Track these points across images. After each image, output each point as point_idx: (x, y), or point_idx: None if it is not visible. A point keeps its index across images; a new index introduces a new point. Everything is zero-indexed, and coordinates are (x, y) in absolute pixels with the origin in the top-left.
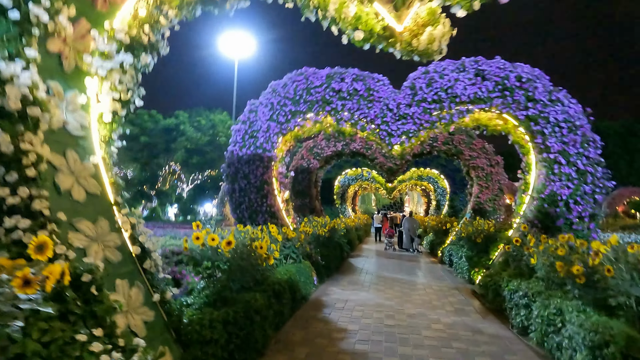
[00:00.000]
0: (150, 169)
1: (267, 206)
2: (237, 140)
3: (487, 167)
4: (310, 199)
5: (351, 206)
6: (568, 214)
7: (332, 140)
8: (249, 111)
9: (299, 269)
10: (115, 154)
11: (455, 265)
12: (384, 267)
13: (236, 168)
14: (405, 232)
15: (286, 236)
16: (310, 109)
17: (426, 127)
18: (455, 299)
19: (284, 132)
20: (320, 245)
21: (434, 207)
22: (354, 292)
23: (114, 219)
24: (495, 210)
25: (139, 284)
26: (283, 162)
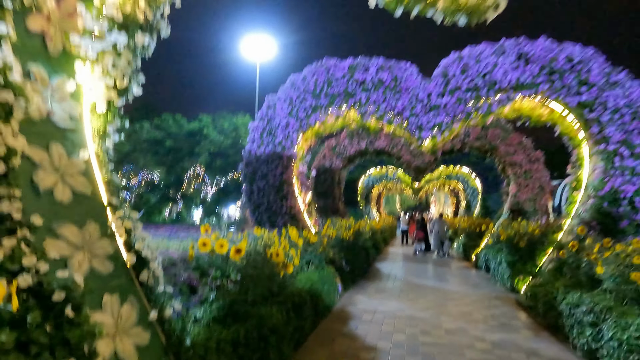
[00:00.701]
0: (175, 173)
1: (287, 208)
2: (254, 139)
3: (526, 163)
4: (333, 200)
5: (376, 207)
6: (634, 215)
7: (356, 138)
8: (267, 107)
9: (321, 276)
10: (112, 149)
11: (493, 271)
12: (413, 273)
13: (254, 168)
14: (435, 234)
15: (307, 240)
16: (332, 102)
17: (461, 118)
18: (498, 310)
19: (304, 129)
20: (345, 249)
21: (464, 207)
22: (382, 302)
23: (107, 223)
24: (536, 210)
25: (132, 300)
26: (303, 161)
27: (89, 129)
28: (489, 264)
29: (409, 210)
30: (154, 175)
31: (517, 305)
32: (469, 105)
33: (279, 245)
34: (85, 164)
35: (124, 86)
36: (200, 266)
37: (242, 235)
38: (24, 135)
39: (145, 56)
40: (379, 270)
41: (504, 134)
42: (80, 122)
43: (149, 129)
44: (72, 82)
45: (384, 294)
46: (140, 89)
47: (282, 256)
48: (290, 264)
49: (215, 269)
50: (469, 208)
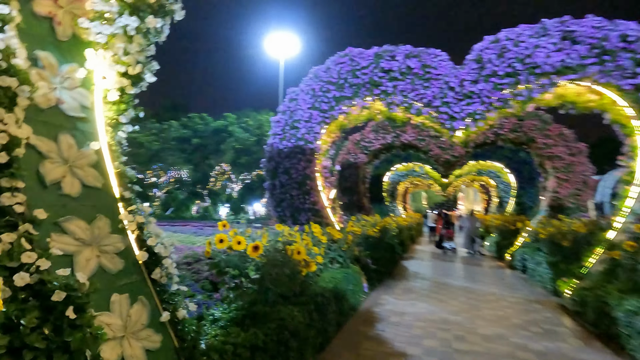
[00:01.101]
0: (201, 170)
1: (310, 203)
2: (276, 132)
3: (567, 156)
4: (357, 196)
5: (402, 204)
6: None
7: (381, 132)
8: (289, 100)
9: (346, 274)
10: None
11: (530, 271)
12: (442, 272)
13: (276, 162)
14: (465, 232)
15: (331, 237)
16: (357, 93)
17: (497, 106)
18: (539, 315)
19: (328, 121)
20: (370, 247)
21: (496, 204)
22: (410, 303)
23: (118, 218)
24: (579, 207)
25: (143, 300)
26: (327, 155)
27: (101, 118)
28: (526, 264)
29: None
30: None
31: (560, 309)
32: (506, 92)
33: (301, 241)
34: (97, 155)
35: (136, 73)
36: (217, 264)
37: (262, 232)
38: (30, 124)
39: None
40: (406, 268)
41: (541, 124)
42: (92, 111)
43: (177, 128)
44: (83, 69)
45: (412, 294)
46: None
47: (304, 254)
48: (313, 263)
49: (233, 268)
50: (501, 205)
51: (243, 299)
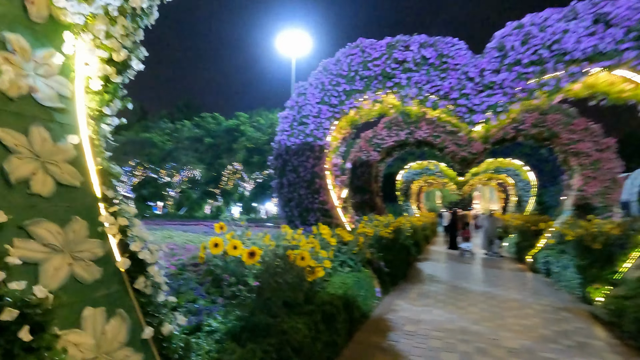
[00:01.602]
0: (214, 169)
1: (319, 203)
2: (284, 129)
3: (594, 152)
4: (370, 195)
5: (416, 203)
6: None
7: (394, 128)
8: (297, 95)
9: (357, 279)
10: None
11: (555, 276)
12: (460, 275)
13: (284, 160)
14: (484, 232)
15: (341, 239)
16: (368, 86)
17: (521, 97)
18: (570, 326)
19: (338, 116)
20: (383, 248)
21: (515, 203)
22: (426, 309)
23: (97, 221)
24: (607, 206)
25: (122, 314)
26: (337, 152)
27: (82, 109)
28: (550, 268)
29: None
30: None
31: (592, 319)
32: (531, 82)
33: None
34: (76, 150)
35: (121, 59)
36: (211, 271)
37: (263, 235)
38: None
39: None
40: (421, 271)
41: (566, 118)
42: (72, 101)
43: (189, 127)
44: (61, 55)
45: (428, 299)
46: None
47: (309, 260)
48: (320, 268)
49: (230, 275)
50: (519, 204)
51: (241, 309)
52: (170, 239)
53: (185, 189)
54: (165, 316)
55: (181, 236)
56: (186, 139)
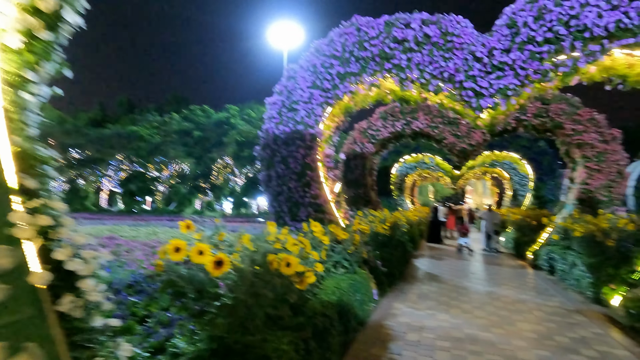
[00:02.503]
0: (204, 163)
1: (310, 197)
2: (272, 116)
3: (599, 143)
4: (364, 189)
5: (409, 197)
6: None
7: (390, 119)
8: (286, 79)
9: (353, 282)
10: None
11: (561, 273)
12: (460, 273)
13: (272, 150)
14: (482, 228)
15: (335, 237)
16: (364, 68)
17: (534, 79)
18: (587, 332)
19: (331, 102)
20: (380, 246)
21: (510, 197)
22: (429, 313)
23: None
24: (612, 200)
25: (33, 350)
26: (330, 142)
27: None
28: (554, 265)
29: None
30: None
31: (610, 323)
32: (545, 63)
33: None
34: None
35: (49, 9)
36: (172, 282)
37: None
38: None
39: None
40: (418, 268)
41: (570, 108)
42: None
43: (178, 120)
44: None
45: (430, 301)
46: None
47: (296, 265)
48: (310, 273)
49: (196, 287)
50: (515, 198)
51: (213, 329)
52: (154, 235)
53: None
54: (101, 347)
55: (167, 232)
56: (175, 132)
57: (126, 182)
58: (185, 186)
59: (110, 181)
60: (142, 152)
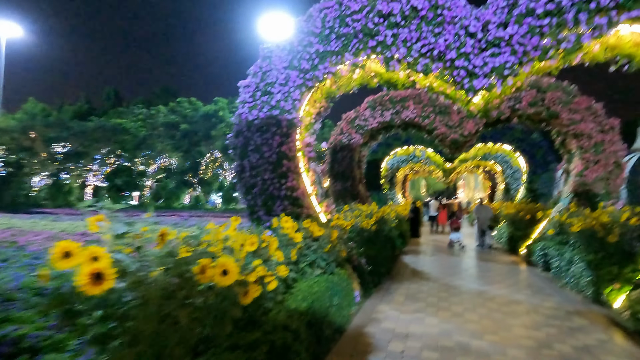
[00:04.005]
0: (192, 157)
1: (286, 189)
2: (245, 100)
3: (597, 133)
4: (352, 182)
5: (401, 192)
6: None
7: (379, 108)
8: (261, 59)
9: (330, 284)
10: None
11: (557, 270)
12: (451, 270)
13: (245, 138)
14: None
15: (310, 234)
16: (346, 46)
17: (533, 57)
18: (590, 338)
19: (309, 84)
20: (365, 242)
21: (502, 191)
22: (416, 317)
23: None
24: (609, 193)
25: None
26: (311, 129)
27: None
28: (550, 261)
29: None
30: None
31: (614, 328)
32: (546, 38)
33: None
34: None
35: None
36: (62, 297)
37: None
38: None
39: None
40: (407, 265)
41: (567, 97)
42: None
43: (165, 113)
44: None
45: (418, 302)
46: None
47: (235, 273)
48: (271, 279)
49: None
50: (507, 192)
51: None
52: None
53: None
54: None
55: None
56: (161, 125)
57: (112, 177)
58: (172, 181)
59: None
60: (128, 146)
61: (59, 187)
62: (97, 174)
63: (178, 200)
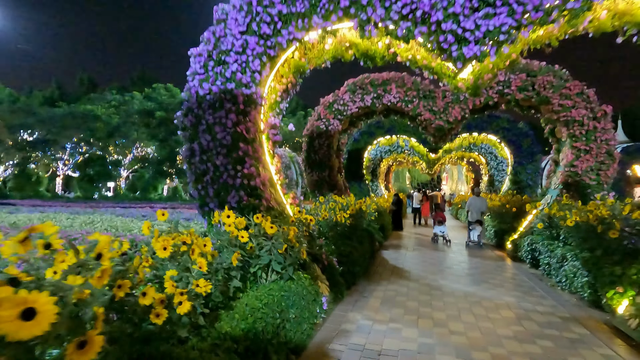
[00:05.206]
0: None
1: (242, 177)
2: (196, 71)
3: (589, 120)
4: (330, 171)
5: (384, 183)
6: None
7: (358, 92)
8: (215, 22)
9: (286, 293)
10: None
11: (546, 267)
12: (434, 267)
13: (196, 116)
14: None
15: (263, 231)
16: (314, 7)
17: (534, 19)
18: (593, 353)
19: (272, 53)
20: (339, 237)
21: (486, 183)
22: (392, 328)
23: None
24: (601, 184)
25: None
26: (277, 108)
27: None
28: (538, 257)
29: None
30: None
31: (618, 338)
32: None
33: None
34: None
35: None
36: None
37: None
38: None
39: None
40: (386, 262)
41: (558, 81)
42: None
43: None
44: None
45: (395, 308)
46: None
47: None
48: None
49: None
50: (492, 184)
51: None
52: (90, 225)
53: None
54: None
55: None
56: (136, 112)
57: (84, 166)
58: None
59: (66, 165)
60: (100, 134)
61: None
62: (68, 163)
63: (155, 191)
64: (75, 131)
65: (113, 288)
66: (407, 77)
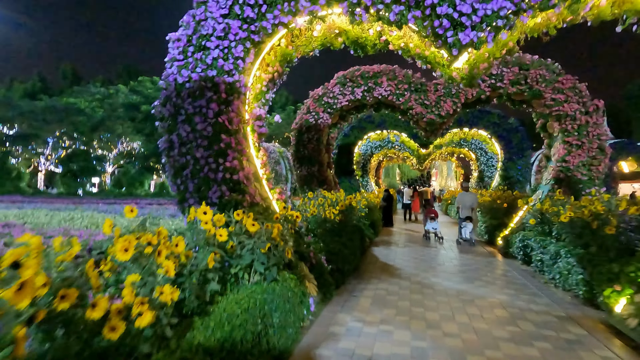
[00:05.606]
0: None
1: (224, 171)
2: (175, 57)
3: (581, 115)
4: (319, 166)
5: (374, 179)
6: None
7: (349, 85)
8: (196, 4)
9: (270, 296)
10: None
11: (539, 264)
12: (426, 265)
13: (175, 106)
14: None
15: (244, 229)
16: None
17: (534, 4)
18: (591, 354)
19: (256, 39)
20: (328, 234)
21: (476, 179)
22: (383, 330)
23: None
24: (592, 179)
25: None
26: (263, 98)
27: None
28: (531, 253)
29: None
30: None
31: (616, 338)
32: None
33: None
34: None
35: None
36: None
37: None
38: None
39: None
40: (377, 259)
41: (551, 75)
42: None
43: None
44: None
45: (387, 308)
46: None
47: None
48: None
49: None
50: (481, 179)
51: None
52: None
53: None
54: None
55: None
56: (121, 106)
57: (67, 162)
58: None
59: (48, 160)
60: (83, 128)
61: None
62: (50, 158)
63: (142, 187)
64: (58, 125)
65: (55, 299)
66: (398, 70)
